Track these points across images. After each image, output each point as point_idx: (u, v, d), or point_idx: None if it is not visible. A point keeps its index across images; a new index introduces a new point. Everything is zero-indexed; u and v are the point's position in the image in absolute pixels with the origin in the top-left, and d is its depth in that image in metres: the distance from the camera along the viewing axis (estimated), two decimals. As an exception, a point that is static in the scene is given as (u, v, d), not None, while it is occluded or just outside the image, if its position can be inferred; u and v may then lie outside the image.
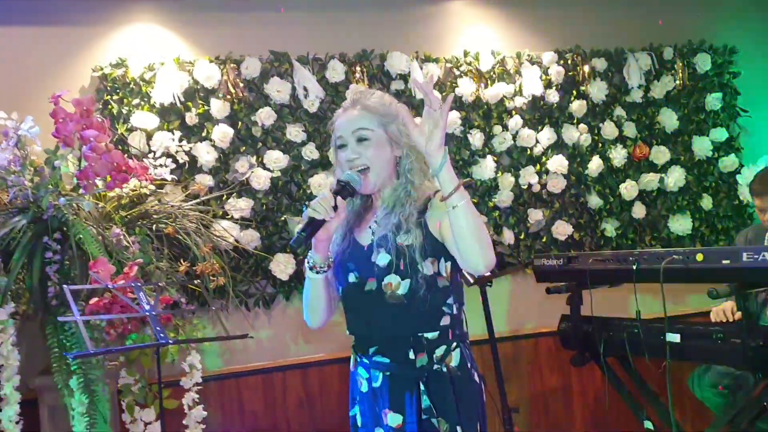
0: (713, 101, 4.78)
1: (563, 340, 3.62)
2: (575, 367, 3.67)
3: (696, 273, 2.94)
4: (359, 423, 2.19)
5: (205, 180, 3.75)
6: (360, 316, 2.15)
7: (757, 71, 4.93)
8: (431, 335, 2.08)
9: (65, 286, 2.60)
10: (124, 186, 3.18)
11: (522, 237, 4.38)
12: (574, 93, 4.52)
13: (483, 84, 4.33)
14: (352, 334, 2.21)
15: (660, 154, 4.64)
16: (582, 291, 3.43)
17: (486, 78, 4.35)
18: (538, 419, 4.36)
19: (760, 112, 4.89)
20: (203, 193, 3.58)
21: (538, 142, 4.40)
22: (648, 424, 3.43)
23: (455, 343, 2.11)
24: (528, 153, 4.40)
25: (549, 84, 4.46)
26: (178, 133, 3.76)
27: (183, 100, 3.80)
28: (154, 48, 3.82)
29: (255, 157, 3.89)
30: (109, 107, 3.69)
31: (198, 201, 3.53)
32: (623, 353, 3.34)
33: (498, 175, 4.31)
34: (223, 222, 3.68)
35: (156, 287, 2.88)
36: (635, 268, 3.10)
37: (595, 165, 4.49)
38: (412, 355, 2.07)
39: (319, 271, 2.13)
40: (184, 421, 3.24)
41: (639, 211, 4.59)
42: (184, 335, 3.12)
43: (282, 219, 3.90)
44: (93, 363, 2.89)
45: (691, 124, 4.76)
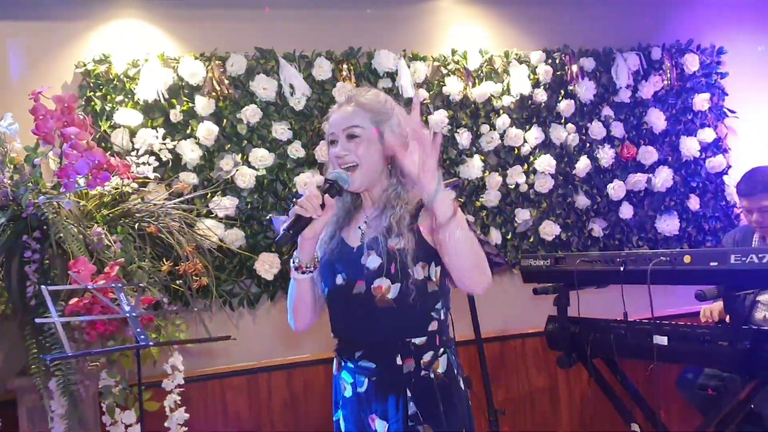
0: (701, 102, 4.78)
1: (550, 341, 3.61)
2: (562, 369, 3.66)
3: (683, 275, 2.93)
4: (342, 428, 2.16)
5: (189, 178, 3.71)
6: (346, 319, 2.11)
7: (745, 72, 4.94)
8: (419, 341, 2.05)
9: (43, 286, 2.54)
10: (105, 184, 3.11)
11: (509, 237, 4.37)
12: (562, 92, 4.51)
13: (471, 83, 4.31)
14: (336, 337, 2.17)
15: (647, 154, 4.64)
16: (569, 292, 3.42)
17: (474, 77, 4.32)
18: (524, 420, 4.35)
19: (747, 113, 4.90)
20: (187, 192, 3.52)
21: (525, 141, 4.38)
22: (635, 426, 3.42)
23: (442, 349, 2.08)
24: (515, 152, 4.38)
25: (537, 83, 4.44)
26: (162, 131, 3.71)
27: (167, 97, 3.76)
28: (138, 44, 3.77)
29: (240, 155, 3.85)
30: (92, 104, 3.64)
31: (182, 199, 3.47)
32: (610, 355, 3.33)
33: (485, 175, 4.29)
34: (207, 221, 3.64)
35: (137, 287, 2.83)
36: (623, 269, 3.09)
37: (583, 165, 4.48)
38: (399, 361, 2.04)
39: (305, 271, 2.09)
40: (165, 424, 3.19)
41: (626, 211, 4.59)
42: (166, 336, 3.06)
43: (267, 218, 3.86)
44: (72, 365, 2.84)
45: (679, 124, 4.77)
